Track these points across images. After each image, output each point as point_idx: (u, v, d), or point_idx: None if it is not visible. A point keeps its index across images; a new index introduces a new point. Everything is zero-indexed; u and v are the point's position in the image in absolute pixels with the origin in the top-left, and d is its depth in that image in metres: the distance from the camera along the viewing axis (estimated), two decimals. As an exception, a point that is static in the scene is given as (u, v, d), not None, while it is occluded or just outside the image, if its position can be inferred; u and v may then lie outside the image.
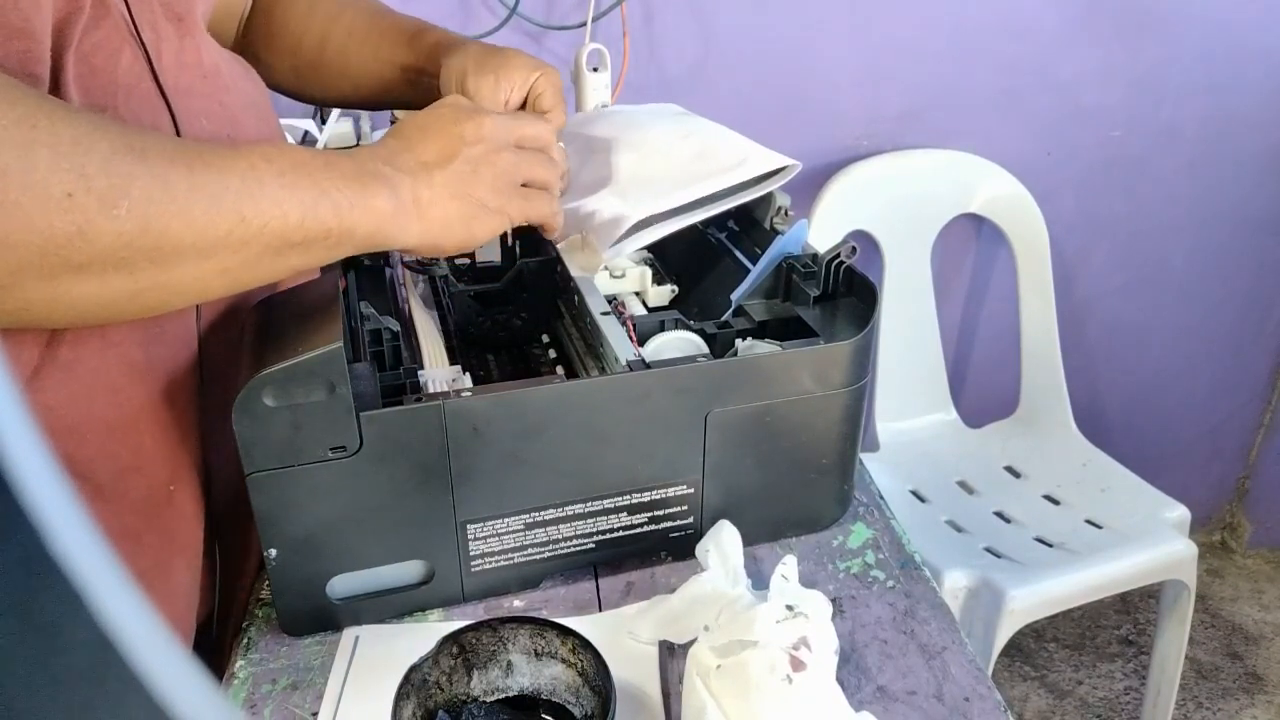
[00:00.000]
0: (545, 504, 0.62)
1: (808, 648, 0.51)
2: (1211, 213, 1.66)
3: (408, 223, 0.54)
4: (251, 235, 0.47)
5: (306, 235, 0.50)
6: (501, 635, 0.55)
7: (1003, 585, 1.19)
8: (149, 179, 0.44)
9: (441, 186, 0.56)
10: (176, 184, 0.45)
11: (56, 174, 0.41)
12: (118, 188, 0.43)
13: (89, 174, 0.42)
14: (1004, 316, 1.62)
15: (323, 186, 0.50)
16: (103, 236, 0.43)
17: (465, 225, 0.57)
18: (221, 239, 0.47)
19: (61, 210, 0.41)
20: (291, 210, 0.49)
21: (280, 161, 0.49)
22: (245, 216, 0.47)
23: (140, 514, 0.57)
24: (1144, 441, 1.84)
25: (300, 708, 0.58)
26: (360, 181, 0.52)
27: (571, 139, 0.82)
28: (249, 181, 0.47)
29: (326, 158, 0.52)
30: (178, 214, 0.45)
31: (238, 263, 0.48)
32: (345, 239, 0.52)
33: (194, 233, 0.45)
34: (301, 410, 0.54)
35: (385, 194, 0.53)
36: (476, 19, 1.30)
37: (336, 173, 0.51)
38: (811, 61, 1.43)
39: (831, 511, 0.72)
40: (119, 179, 0.43)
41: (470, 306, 0.77)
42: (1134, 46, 1.50)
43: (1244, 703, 1.67)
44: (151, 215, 0.44)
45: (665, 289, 0.78)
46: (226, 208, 0.46)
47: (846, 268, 0.70)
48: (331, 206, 0.50)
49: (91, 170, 0.42)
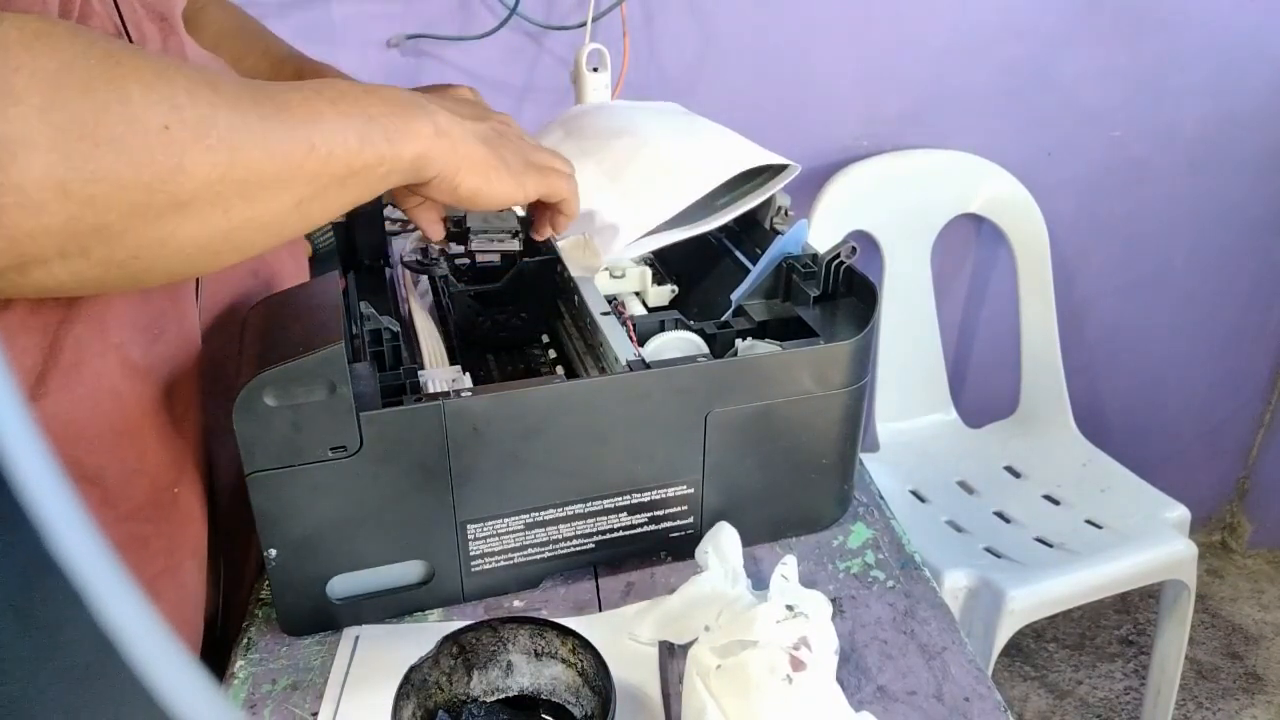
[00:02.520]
0: (545, 504, 0.62)
1: (808, 648, 0.51)
2: (1211, 213, 1.66)
3: (443, 150, 0.56)
4: (320, 163, 0.49)
5: (365, 162, 0.51)
6: (501, 635, 0.55)
7: (1003, 585, 1.19)
8: (229, 110, 0.45)
9: (473, 132, 0.58)
10: (250, 114, 0.46)
11: (150, 107, 0.41)
12: (206, 118, 0.43)
13: (179, 105, 0.42)
14: (1004, 316, 1.62)
15: (370, 113, 0.51)
16: (199, 168, 0.43)
17: (486, 175, 0.58)
18: (297, 168, 0.48)
19: (162, 144, 0.42)
20: (350, 137, 0.50)
21: (328, 92, 0.50)
22: (314, 144, 0.48)
23: (147, 518, 0.57)
24: (1144, 441, 1.84)
25: (300, 708, 0.58)
26: (402, 107, 0.53)
27: (571, 131, 0.82)
28: (310, 111, 0.49)
29: (366, 86, 0.53)
30: (258, 143, 0.46)
31: (311, 193, 0.49)
32: (396, 164, 0.53)
33: (274, 162, 0.46)
34: (302, 410, 0.54)
35: (425, 119, 0.54)
36: (477, 19, 1.30)
37: (379, 99, 0.52)
38: (811, 61, 1.43)
39: (831, 511, 0.72)
40: (205, 109, 0.44)
41: (470, 306, 0.77)
42: (1134, 46, 1.50)
43: (1244, 703, 1.67)
44: (237, 145, 0.45)
45: (665, 289, 0.78)
46: (298, 137, 0.47)
47: (846, 268, 0.70)
48: (382, 131, 0.52)
49: (181, 101, 0.43)
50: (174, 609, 0.60)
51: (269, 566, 0.58)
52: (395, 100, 0.54)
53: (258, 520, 0.56)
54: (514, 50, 1.34)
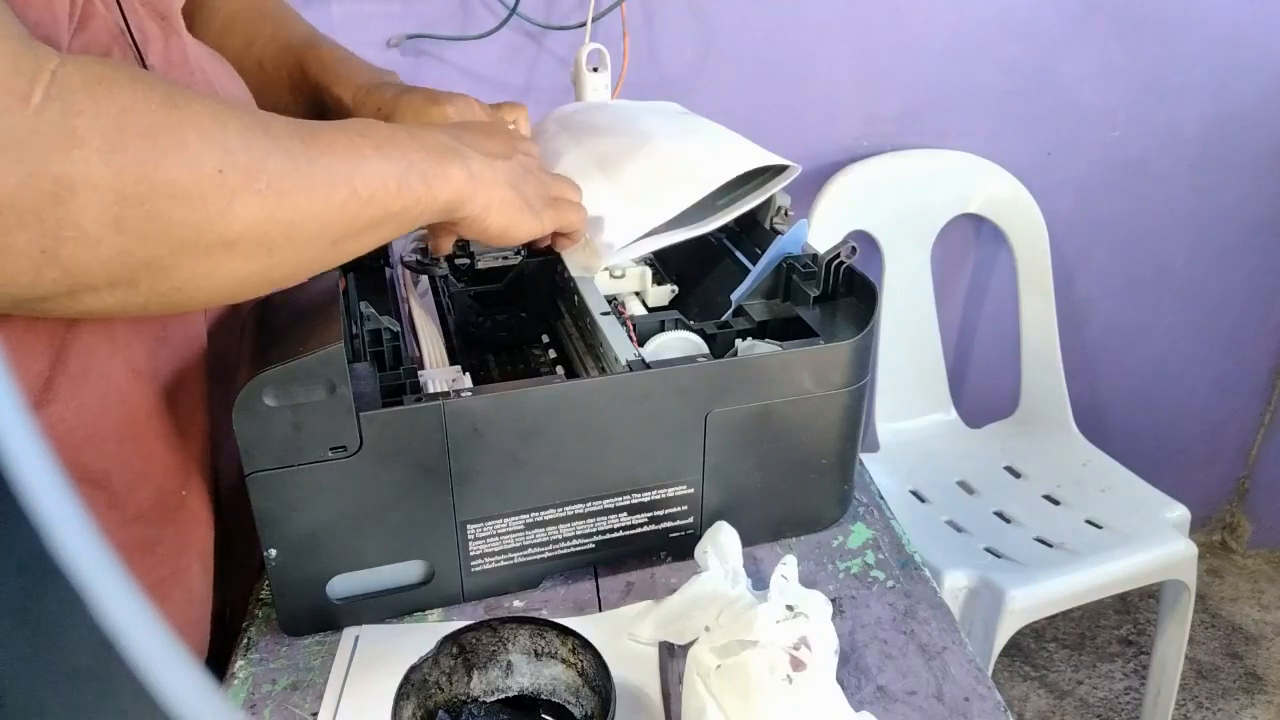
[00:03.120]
0: (545, 504, 0.62)
1: (808, 648, 0.51)
2: (1211, 213, 1.66)
3: (475, 195, 0.57)
4: (361, 206, 0.50)
5: (403, 205, 0.52)
6: (501, 635, 0.55)
7: (1003, 585, 1.19)
8: (279, 154, 0.46)
9: (503, 173, 0.60)
10: (299, 158, 0.47)
11: (205, 152, 0.43)
12: (257, 163, 0.45)
13: (233, 149, 0.44)
14: (1004, 316, 1.62)
15: (411, 158, 0.53)
16: (248, 210, 0.45)
17: (513, 215, 0.60)
18: (338, 211, 0.49)
19: (214, 187, 0.43)
20: (390, 180, 0.51)
21: (373, 135, 0.52)
22: (356, 189, 0.50)
23: (154, 521, 0.57)
24: (1144, 441, 1.84)
25: (300, 708, 0.58)
26: (439, 153, 0.55)
27: (569, 129, 0.82)
28: (353, 155, 0.50)
29: (409, 130, 0.55)
30: (304, 187, 0.47)
31: (348, 233, 0.51)
32: (430, 206, 0.55)
33: (317, 205, 0.48)
34: (301, 410, 0.54)
35: (459, 164, 0.56)
36: (476, 19, 1.30)
37: (418, 145, 0.54)
38: (811, 61, 1.43)
39: (831, 511, 0.72)
40: (257, 154, 0.45)
41: (470, 306, 0.77)
42: (1134, 46, 1.50)
43: (1244, 703, 1.67)
44: (285, 189, 0.46)
45: (665, 289, 0.78)
46: (340, 180, 0.49)
47: (846, 268, 0.70)
48: (420, 176, 0.53)
49: (234, 146, 0.44)
50: (180, 612, 0.60)
51: (269, 566, 0.58)
52: (433, 145, 0.55)
53: (258, 520, 0.56)
54: (514, 50, 1.34)
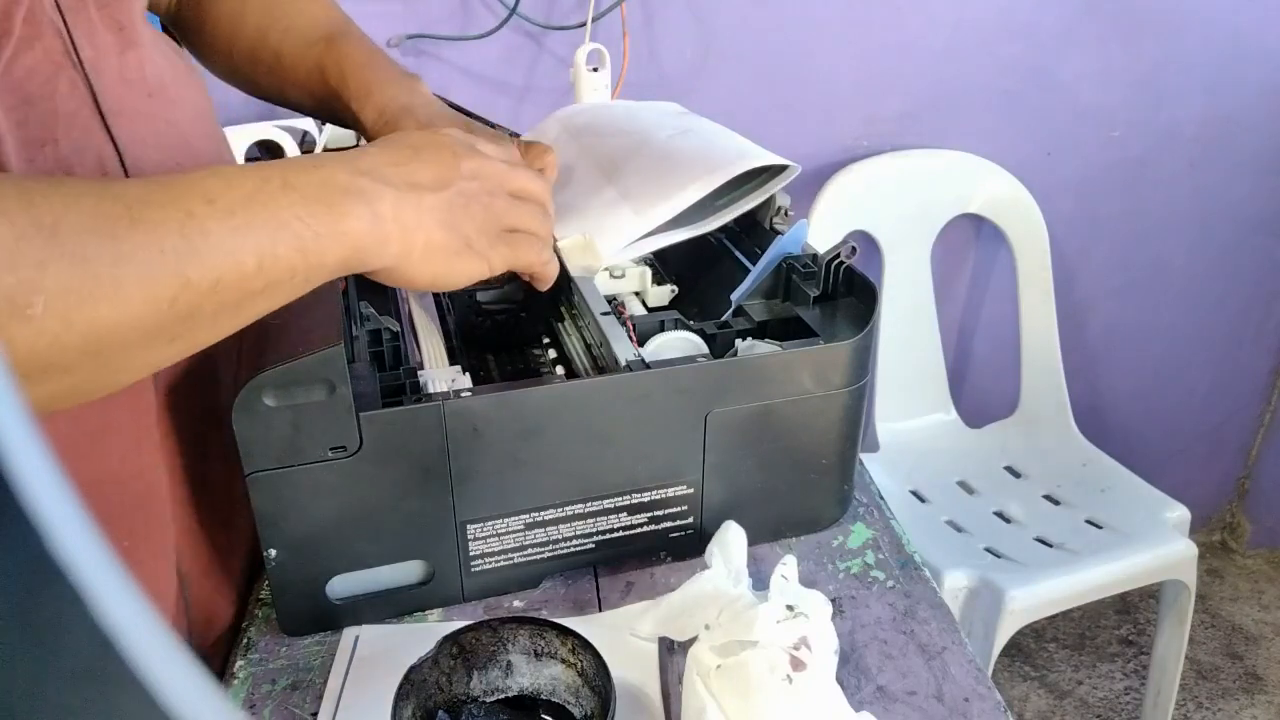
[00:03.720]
0: (545, 504, 0.62)
1: (808, 648, 0.51)
2: (1211, 213, 1.66)
3: (386, 244, 0.48)
4: (201, 298, 0.40)
5: (269, 280, 0.43)
6: (501, 635, 0.55)
7: (1003, 585, 1.19)
8: (65, 263, 0.36)
9: (430, 212, 0.50)
10: (99, 261, 0.37)
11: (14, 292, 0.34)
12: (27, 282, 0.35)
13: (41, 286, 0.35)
14: (1004, 316, 1.62)
15: (281, 218, 0.43)
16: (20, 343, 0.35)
17: (446, 260, 0.51)
18: (164, 312, 0.39)
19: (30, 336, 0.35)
20: (246, 257, 0.41)
21: (227, 198, 0.41)
22: (190, 280, 0.40)
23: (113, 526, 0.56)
24: (1144, 441, 1.84)
25: (300, 708, 0.58)
26: (327, 203, 0.45)
27: (570, 129, 0.82)
28: (189, 234, 0.40)
29: (285, 176, 0.44)
30: (105, 297, 0.37)
31: (189, 329, 0.42)
32: (315, 272, 0.45)
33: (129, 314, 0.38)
34: (301, 410, 0.54)
35: (360, 211, 0.46)
36: (476, 19, 1.30)
37: (297, 196, 0.44)
38: (811, 61, 1.43)
39: (831, 511, 0.71)
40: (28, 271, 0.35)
41: (470, 306, 0.77)
42: (1134, 46, 1.50)
43: (1244, 703, 1.67)
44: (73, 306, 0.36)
45: (665, 289, 0.78)
46: (165, 275, 0.39)
47: (846, 268, 0.70)
48: (294, 241, 0.43)
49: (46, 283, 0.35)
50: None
51: (269, 566, 0.58)
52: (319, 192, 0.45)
53: (258, 520, 0.56)
54: (514, 50, 1.34)
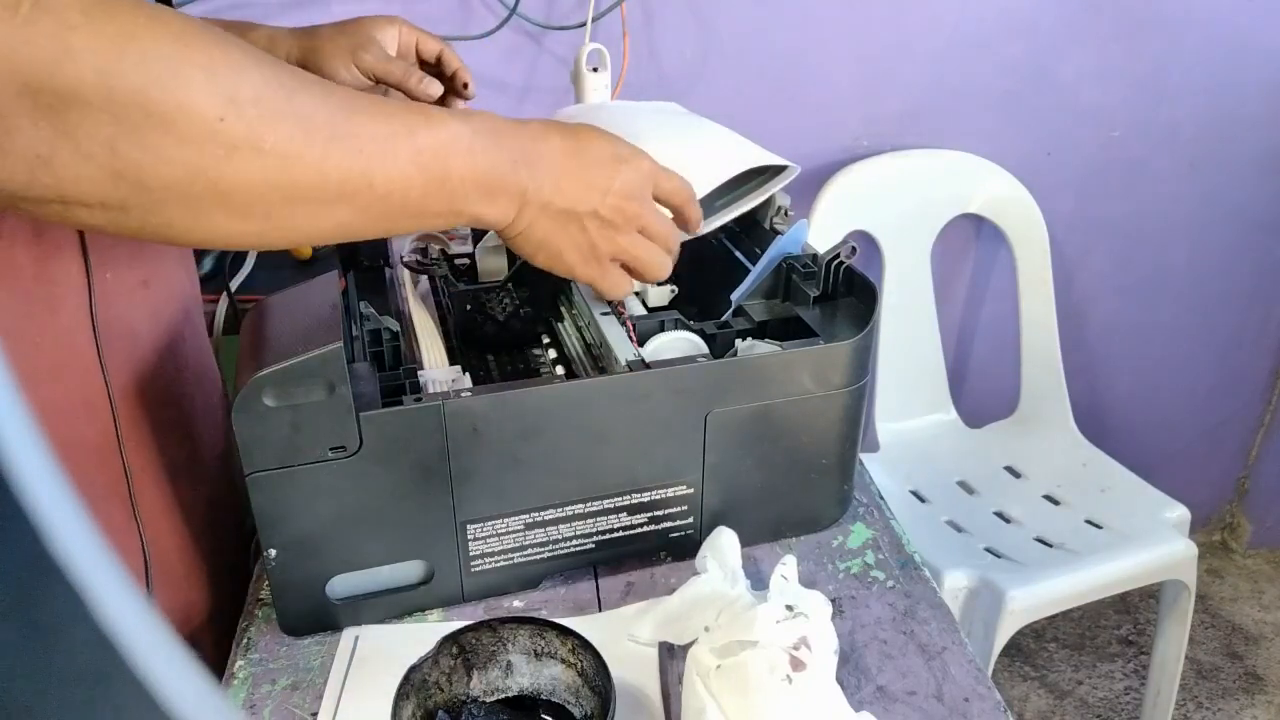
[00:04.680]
0: (545, 504, 0.62)
1: (808, 648, 0.51)
2: (1211, 213, 1.66)
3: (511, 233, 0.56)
4: (375, 200, 0.48)
5: (422, 212, 0.50)
6: (501, 635, 0.55)
7: (1003, 585, 1.19)
8: (294, 121, 0.43)
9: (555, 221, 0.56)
10: (317, 132, 0.44)
11: (209, 96, 0.40)
12: (266, 121, 0.42)
13: (241, 101, 0.41)
14: (1004, 316, 1.62)
15: (452, 183, 0.50)
16: (246, 169, 0.42)
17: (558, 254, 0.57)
18: (347, 196, 0.46)
19: (211, 134, 0.41)
20: (413, 189, 0.49)
21: (425, 138, 0.48)
22: (373, 183, 0.47)
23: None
24: (1144, 441, 1.84)
25: (300, 708, 0.58)
26: (488, 189, 0.52)
27: None
28: (386, 151, 0.47)
29: (478, 143, 0.51)
30: (312, 164, 0.44)
31: (355, 219, 0.48)
32: (457, 219, 0.53)
33: (322, 185, 0.45)
34: (301, 410, 0.54)
35: (504, 206, 0.53)
36: (476, 19, 1.30)
37: (470, 171, 0.51)
38: (811, 61, 1.43)
39: (831, 512, 0.71)
40: (267, 113, 0.42)
41: (470, 306, 0.77)
42: (1134, 46, 1.50)
43: (1244, 703, 1.67)
44: (291, 156, 0.43)
45: (665, 289, 0.78)
46: (357, 170, 0.46)
47: (846, 268, 0.70)
48: (450, 200, 0.51)
49: (244, 98, 0.42)
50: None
51: (268, 567, 0.58)
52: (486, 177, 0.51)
53: (257, 520, 0.56)
54: (514, 50, 1.34)
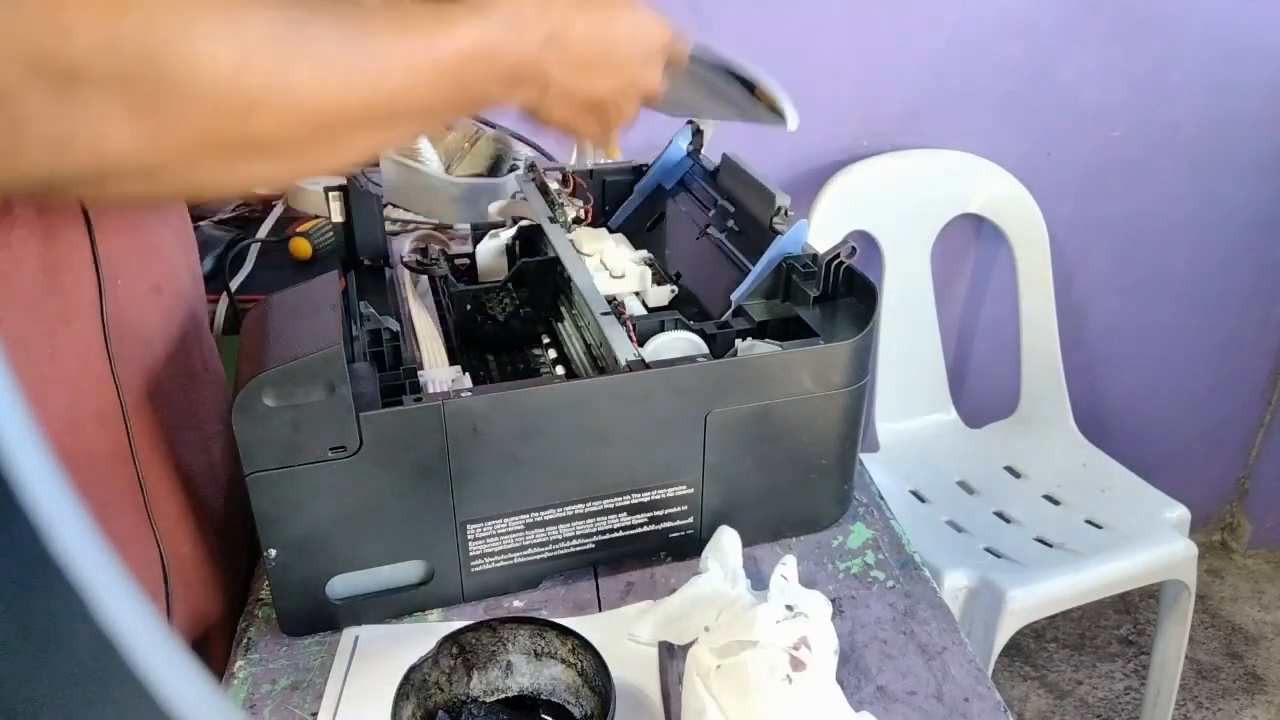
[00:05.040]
0: (545, 504, 0.62)
1: (808, 648, 0.51)
2: (1211, 213, 1.66)
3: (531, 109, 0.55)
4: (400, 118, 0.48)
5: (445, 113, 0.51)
6: (501, 635, 0.55)
7: (1003, 585, 1.19)
8: (310, 58, 0.42)
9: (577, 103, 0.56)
10: (335, 65, 0.43)
11: (219, 48, 0.39)
12: (284, 62, 0.41)
13: (252, 50, 0.40)
14: (1004, 316, 1.62)
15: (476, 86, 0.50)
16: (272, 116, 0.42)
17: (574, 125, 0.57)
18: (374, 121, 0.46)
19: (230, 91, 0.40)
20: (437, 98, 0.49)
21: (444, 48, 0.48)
22: (397, 105, 0.47)
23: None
24: (1144, 441, 1.84)
25: (300, 708, 0.58)
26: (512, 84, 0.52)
27: None
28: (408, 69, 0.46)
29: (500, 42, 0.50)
30: (335, 98, 0.44)
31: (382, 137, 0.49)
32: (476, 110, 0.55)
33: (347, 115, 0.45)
34: (301, 410, 0.54)
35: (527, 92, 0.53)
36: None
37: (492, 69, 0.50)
38: (811, 61, 1.43)
39: (831, 512, 0.71)
40: (284, 55, 0.41)
41: (470, 306, 0.77)
42: (1134, 46, 1.50)
43: (1244, 703, 1.67)
44: (313, 95, 0.43)
45: (665, 289, 0.78)
46: (382, 96, 0.46)
47: (846, 268, 0.70)
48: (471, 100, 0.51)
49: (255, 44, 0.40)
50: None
51: (268, 567, 0.58)
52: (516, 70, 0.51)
53: (257, 520, 0.56)
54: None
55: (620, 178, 0.91)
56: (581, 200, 0.85)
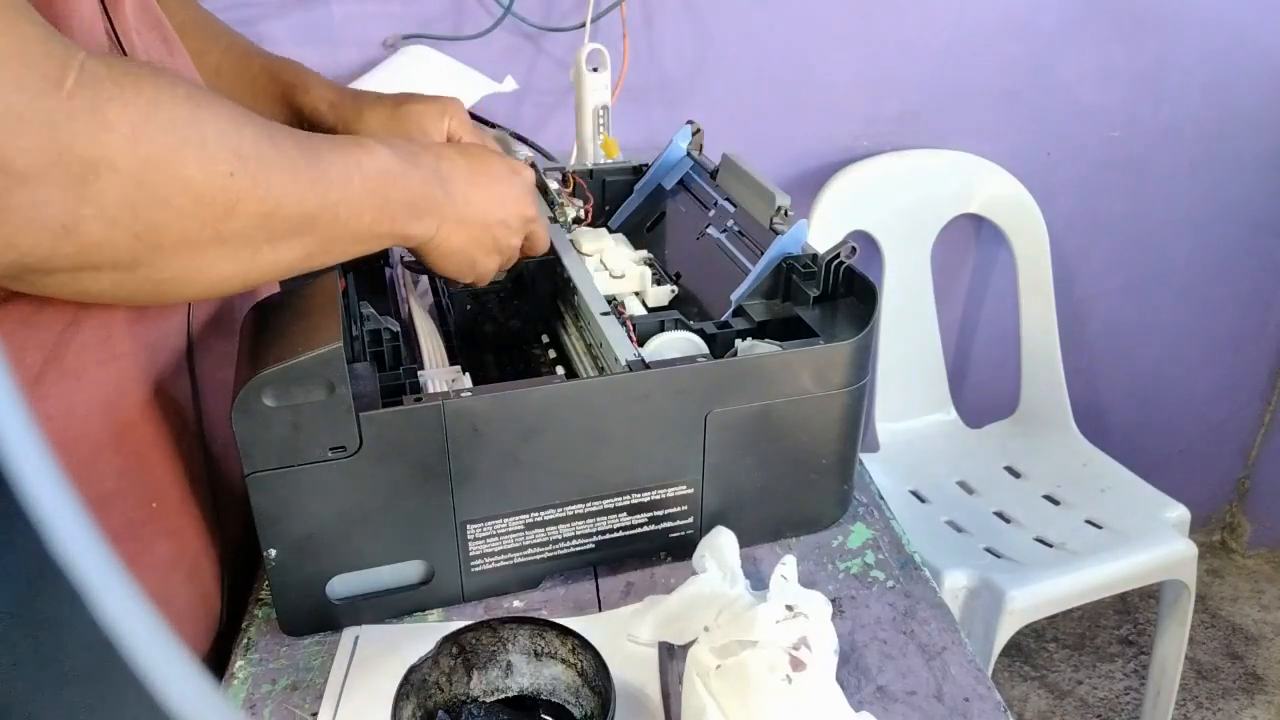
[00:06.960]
0: (545, 504, 0.62)
1: (808, 648, 0.51)
2: (1211, 213, 1.66)
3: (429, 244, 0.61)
4: (337, 229, 0.53)
5: (370, 236, 0.55)
6: (501, 635, 0.55)
7: (1003, 585, 1.19)
8: (283, 165, 0.48)
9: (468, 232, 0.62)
10: (300, 174, 0.49)
11: (221, 154, 0.45)
12: (264, 170, 0.47)
13: (245, 154, 0.46)
14: (1004, 316, 1.62)
15: (393, 206, 0.55)
16: (248, 214, 0.47)
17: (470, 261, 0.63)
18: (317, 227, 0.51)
19: (223, 189, 0.45)
20: (366, 214, 0.54)
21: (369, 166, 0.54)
22: (338, 214, 0.52)
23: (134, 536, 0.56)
24: (1144, 441, 1.84)
25: (300, 708, 0.58)
26: (416, 208, 0.57)
27: None
28: (345, 183, 0.52)
29: (403, 168, 0.56)
30: (297, 201, 0.49)
31: (319, 248, 0.53)
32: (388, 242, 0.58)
33: (300, 219, 0.50)
34: (301, 410, 0.54)
35: (428, 223, 0.59)
36: (472, 19, 1.30)
37: (403, 193, 0.56)
38: (811, 62, 1.43)
39: (831, 512, 0.72)
40: (265, 163, 0.47)
41: (470, 306, 0.77)
42: (1134, 46, 1.50)
43: (1244, 703, 1.67)
44: (281, 199, 0.48)
45: (665, 289, 0.78)
46: (330, 203, 0.51)
47: (846, 268, 0.70)
48: (390, 222, 0.56)
49: (246, 151, 0.46)
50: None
51: (268, 567, 0.58)
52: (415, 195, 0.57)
53: (257, 520, 0.56)
54: (510, 51, 1.33)
55: (620, 178, 0.91)
56: (581, 200, 0.85)
